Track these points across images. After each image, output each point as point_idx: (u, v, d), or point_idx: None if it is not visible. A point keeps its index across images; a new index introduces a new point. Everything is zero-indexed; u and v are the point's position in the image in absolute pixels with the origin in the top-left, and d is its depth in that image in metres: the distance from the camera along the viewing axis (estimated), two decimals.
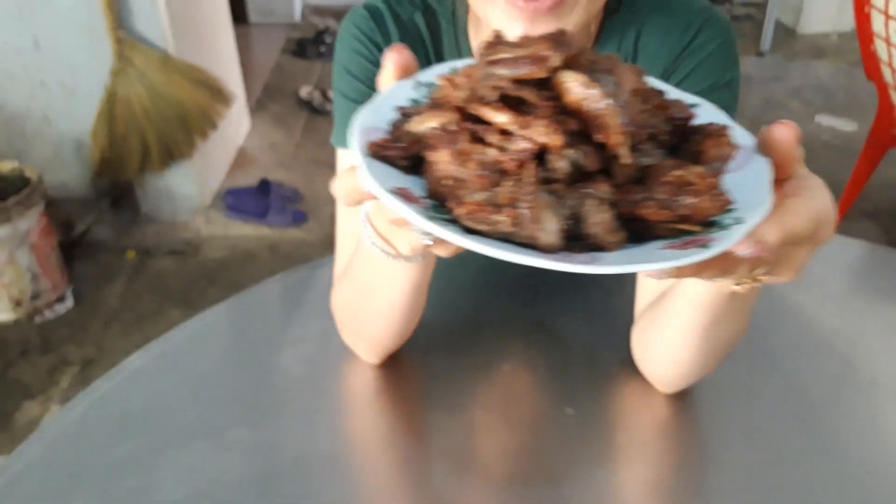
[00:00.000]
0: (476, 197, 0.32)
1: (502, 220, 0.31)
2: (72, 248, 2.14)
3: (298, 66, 3.35)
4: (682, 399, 0.68)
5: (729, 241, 0.31)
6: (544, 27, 0.57)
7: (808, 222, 0.38)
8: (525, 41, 0.34)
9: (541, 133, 0.32)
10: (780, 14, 3.85)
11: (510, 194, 0.32)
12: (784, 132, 0.40)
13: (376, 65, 0.69)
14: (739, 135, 0.38)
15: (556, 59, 0.32)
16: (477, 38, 0.71)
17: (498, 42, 0.36)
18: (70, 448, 0.64)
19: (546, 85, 0.33)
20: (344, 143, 0.69)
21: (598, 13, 0.67)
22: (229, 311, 0.81)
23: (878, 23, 1.83)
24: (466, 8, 0.69)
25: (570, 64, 0.32)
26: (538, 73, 0.32)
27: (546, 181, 0.32)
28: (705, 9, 0.71)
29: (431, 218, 0.32)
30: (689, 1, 0.72)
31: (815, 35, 3.87)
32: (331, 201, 2.54)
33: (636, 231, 0.33)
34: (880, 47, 1.87)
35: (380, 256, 0.54)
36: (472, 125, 0.34)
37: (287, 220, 2.30)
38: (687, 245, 0.31)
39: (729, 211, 0.32)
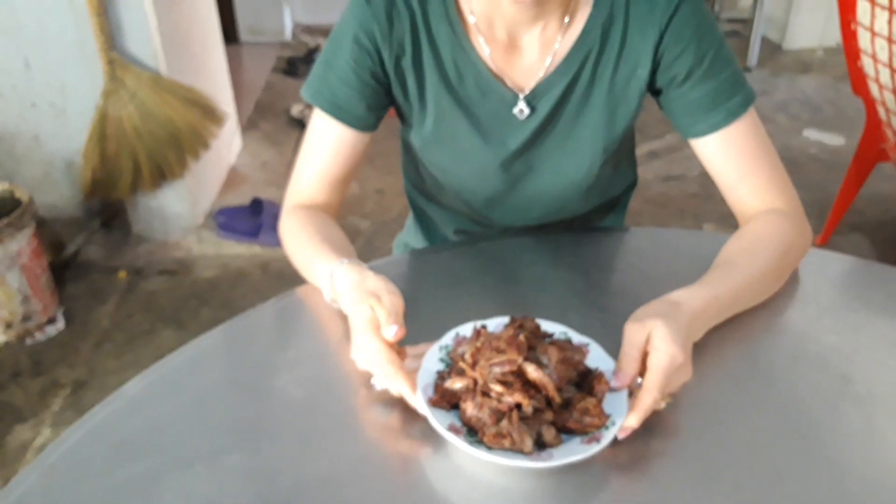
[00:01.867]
0: (491, 430, 0.61)
1: (505, 443, 0.60)
2: (62, 268, 2.13)
3: (289, 84, 3.36)
4: (682, 415, 0.68)
5: (608, 437, 0.61)
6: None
7: (657, 392, 0.63)
8: (501, 345, 0.64)
9: (517, 397, 0.62)
10: (766, 30, 3.91)
11: (506, 428, 0.61)
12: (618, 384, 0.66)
13: (361, 47, 0.82)
14: (609, 372, 0.67)
15: (519, 360, 0.63)
16: (469, 3, 0.82)
17: (481, 334, 0.68)
18: (69, 474, 0.63)
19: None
20: (311, 97, 0.87)
21: None
22: (225, 334, 0.81)
23: (864, 39, 1.86)
24: None
25: (526, 358, 0.64)
26: (513, 368, 0.63)
27: (522, 418, 0.62)
28: None
29: (470, 443, 0.60)
30: None
31: (800, 50, 3.93)
32: None
33: (567, 431, 0.63)
34: (867, 63, 1.90)
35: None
36: (483, 388, 0.64)
37: (279, 239, 2.30)
38: (591, 440, 0.61)
39: (608, 419, 0.63)
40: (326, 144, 0.88)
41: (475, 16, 0.83)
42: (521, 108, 0.86)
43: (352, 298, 0.71)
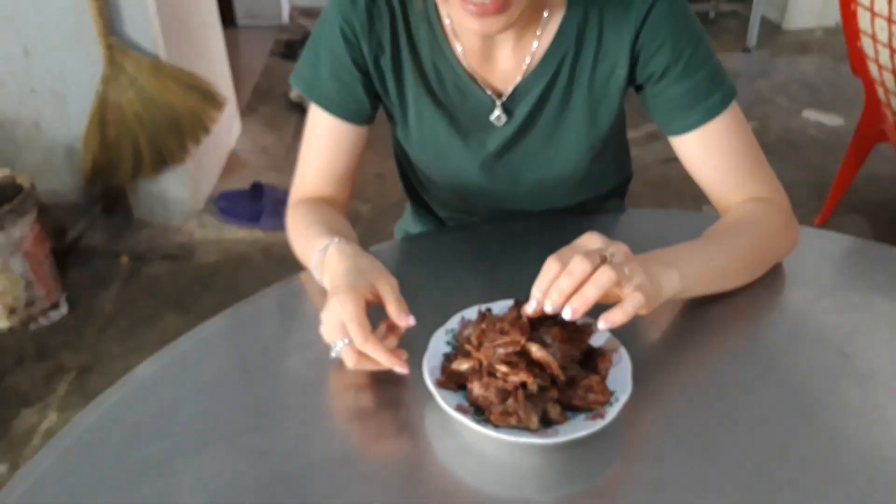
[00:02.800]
0: (497, 409, 0.63)
1: (512, 421, 0.62)
2: (65, 254, 2.14)
3: (287, 68, 3.34)
4: (685, 393, 0.69)
5: (612, 414, 0.62)
6: (493, 23, 0.71)
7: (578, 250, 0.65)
8: (504, 326, 0.65)
9: (522, 376, 0.63)
10: (766, 10, 3.89)
11: (513, 407, 0.62)
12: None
13: (345, 39, 0.83)
14: (613, 350, 0.69)
15: (523, 341, 0.65)
16: (446, 9, 0.79)
17: (485, 317, 0.69)
18: (85, 456, 0.65)
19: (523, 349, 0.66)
20: (306, 90, 0.87)
21: None
22: (233, 318, 0.82)
23: (864, 20, 1.86)
24: None
25: (530, 338, 0.65)
26: (516, 348, 0.65)
27: (528, 396, 0.63)
28: None
29: (478, 422, 0.62)
30: None
31: (800, 31, 3.91)
32: None
33: (573, 409, 0.65)
34: (866, 44, 1.89)
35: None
36: (489, 368, 0.65)
37: (280, 223, 2.29)
38: (596, 416, 0.63)
39: (612, 396, 0.64)
40: (325, 139, 0.88)
41: (452, 21, 0.82)
42: (498, 115, 0.86)
43: (343, 272, 0.71)
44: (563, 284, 0.63)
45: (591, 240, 0.67)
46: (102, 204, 2.29)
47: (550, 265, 0.64)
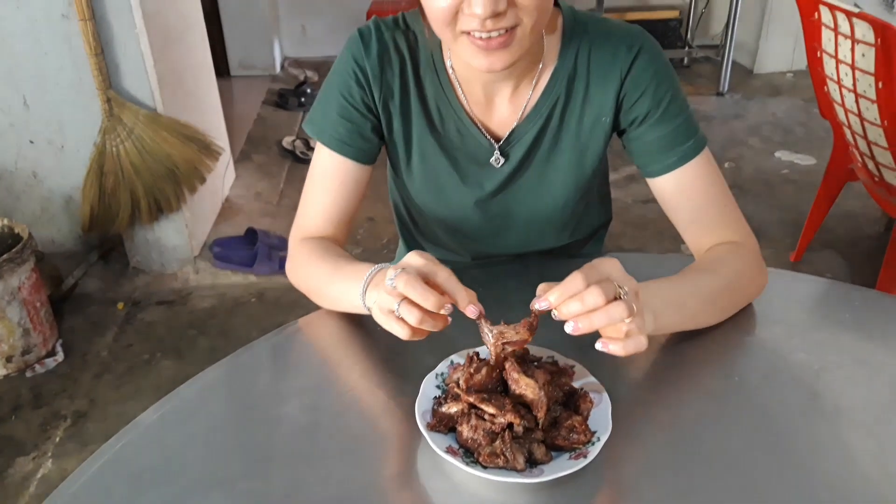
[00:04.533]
0: (486, 450, 0.66)
1: (499, 461, 0.65)
2: (61, 301, 2.16)
3: (280, 116, 3.43)
4: (662, 431, 0.73)
5: (594, 452, 0.66)
6: (498, 58, 0.76)
7: (580, 276, 0.67)
8: (518, 328, 0.69)
9: (509, 417, 0.67)
10: (737, 55, 4.04)
11: (500, 448, 0.66)
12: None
13: (357, 82, 0.90)
14: (594, 390, 0.73)
15: (529, 339, 0.70)
16: (451, 60, 0.89)
17: (473, 360, 0.72)
18: (91, 503, 0.67)
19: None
20: (316, 133, 0.92)
21: (539, 39, 0.85)
22: (232, 365, 0.85)
23: (829, 66, 1.95)
24: None
25: (525, 372, 0.70)
26: (522, 345, 0.71)
27: (514, 437, 0.67)
28: (638, 31, 0.90)
29: (467, 464, 0.65)
30: (621, 24, 0.91)
31: (771, 74, 4.05)
32: None
33: (556, 448, 0.68)
34: (832, 88, 1.98)
35: (361, 309, 0.78)
36: (477, 411, 0.69)
37: (274, 268, 2.35)
38: (578, 455, 0.67)
39: (594, 436, 0.68)
40: (331, 179, 0.92)
41: (455, 72, 0.90)
42: (497, 157, 0.93)
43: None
44: (574, 308, 0.65)
45: (612, 267, 0.69)
46: (99, 252, 2.33)
47: (574, 282, 0.66)
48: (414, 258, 0.71)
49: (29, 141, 2.15)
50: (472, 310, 0.69)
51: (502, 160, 0.93)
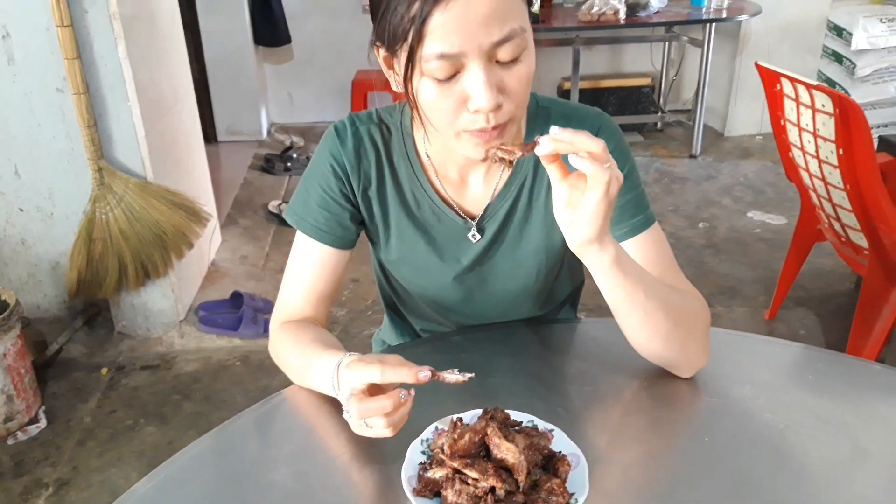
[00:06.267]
0: None
1: None
2: (45, 367, 2.16)
3: (266, 180, 3.50)
4: (637, 491, 0.77)
5: None
6: (495, 143, 0.82)
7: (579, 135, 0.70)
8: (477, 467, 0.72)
9: (492, 481, 0.71)
10: (709, 119, 4.22)
11: None
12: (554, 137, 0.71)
13: (335, 174, 0.96)
14: (571, 455, 0.77)
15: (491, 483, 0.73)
16: (424, 143, 0.95)
17: (457, 426, 0.76)
18: None
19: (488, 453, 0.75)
20: (296, 223, 0.97)
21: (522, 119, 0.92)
22: (220, 437, 0.88)
23: (792, 133, 2.06)
24: (411, 121, 0.95)
25: (506, 436, 0.75)
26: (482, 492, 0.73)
27: (496, 501, 0.71)
28: (597, 113, 0.97)
29: None
30: (581, 106, 0.98)
31: (741, 137, 4.22)
32: None
33: None
34: (797, 154, 2.09)
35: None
36: (461, 476, 0.72)
37: (259, 331, 2.37)
38: None
39: (572, 497, 0.72)
40: (311, 265, 0.98)
41: (429, 155, 0.97)
42: (474, 234, 0.99)
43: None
44: (564, 137, 0.70)
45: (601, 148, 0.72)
46: (84, 317, 2.34)
47: (590, 140, 0.70)
48: (347, 379, 0.77)
49: (19, 209, 2.19)
50: (422, 377, 0.74)
51: (479, 236, 0.99)
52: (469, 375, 0.75)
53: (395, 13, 0.74)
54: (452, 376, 0.75)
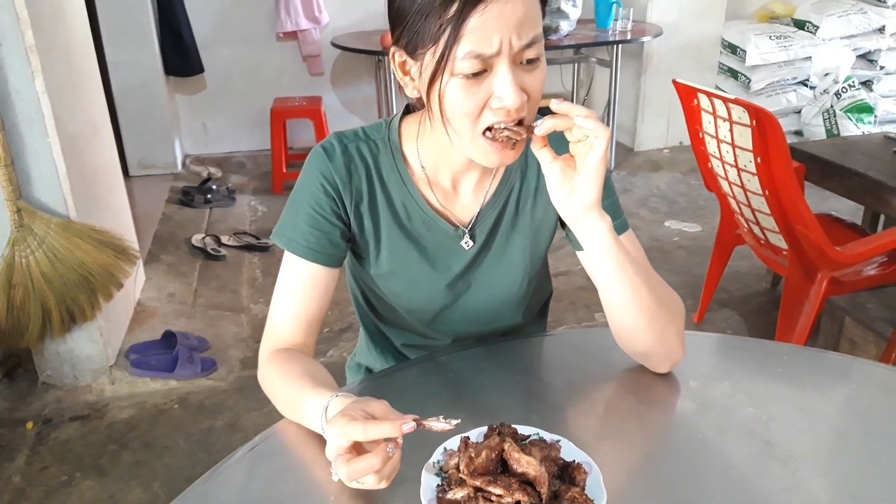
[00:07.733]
0: None
1: None
2: None
3: (186, 214, 3.37)
4: (646, 491, 0.79)
5: None
6: (509, 155, 0.87)
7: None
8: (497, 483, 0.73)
9: (517, 496, 0.71)
10: (619, 136, 4.43)
11: None
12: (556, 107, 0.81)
13: (325, 193, 0.96)
14: (588, 468, 0.78)
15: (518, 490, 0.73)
16: (417, 153, 0.97)
17: (468, 445, 0.78)
18: None
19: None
20: (286, 245, 0.97)
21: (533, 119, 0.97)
22: (221, 476, 0.84)
23: (711, 145, 2.19)
24: (399, 136, 0.98)
25: (523, 450, 0.75)
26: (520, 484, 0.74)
27: None
28: None
29: None
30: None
31: (650, 151, 4.46)
32: (237, 345, 2.60)
33: None
34: (716, 164, 2.22)
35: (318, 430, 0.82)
36: (482, 493, 0.73)
37: (196, 371, 2.27)
38: None
39: (593, 503, 0.73)
40: (302, 287, 0.97)
41: (423, 166, 0.98)
42: (467, 241, 1.02)
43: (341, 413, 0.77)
44: (563, 108, 0.81)
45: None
46: (3, 369, 2.17)
47: (585, 109, 0.81)
48: (331, 437, 0.75)
49: None
50: (406, 429, 0.72)
51: (471, 242, 1.02)
52: (455, 422, 0.74)
53: (426, 16, 0.79)
54: (438, 424, 0.74)
